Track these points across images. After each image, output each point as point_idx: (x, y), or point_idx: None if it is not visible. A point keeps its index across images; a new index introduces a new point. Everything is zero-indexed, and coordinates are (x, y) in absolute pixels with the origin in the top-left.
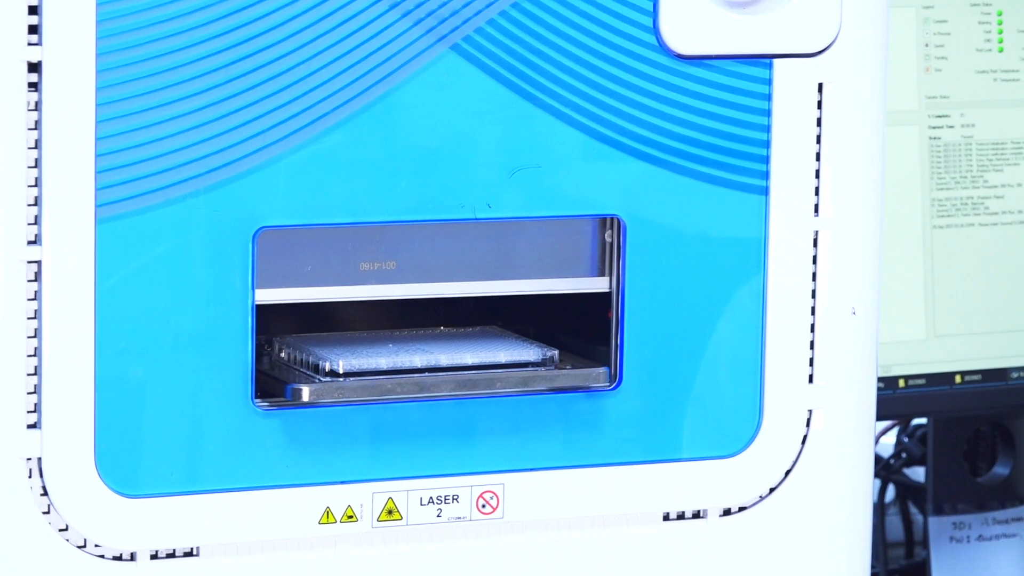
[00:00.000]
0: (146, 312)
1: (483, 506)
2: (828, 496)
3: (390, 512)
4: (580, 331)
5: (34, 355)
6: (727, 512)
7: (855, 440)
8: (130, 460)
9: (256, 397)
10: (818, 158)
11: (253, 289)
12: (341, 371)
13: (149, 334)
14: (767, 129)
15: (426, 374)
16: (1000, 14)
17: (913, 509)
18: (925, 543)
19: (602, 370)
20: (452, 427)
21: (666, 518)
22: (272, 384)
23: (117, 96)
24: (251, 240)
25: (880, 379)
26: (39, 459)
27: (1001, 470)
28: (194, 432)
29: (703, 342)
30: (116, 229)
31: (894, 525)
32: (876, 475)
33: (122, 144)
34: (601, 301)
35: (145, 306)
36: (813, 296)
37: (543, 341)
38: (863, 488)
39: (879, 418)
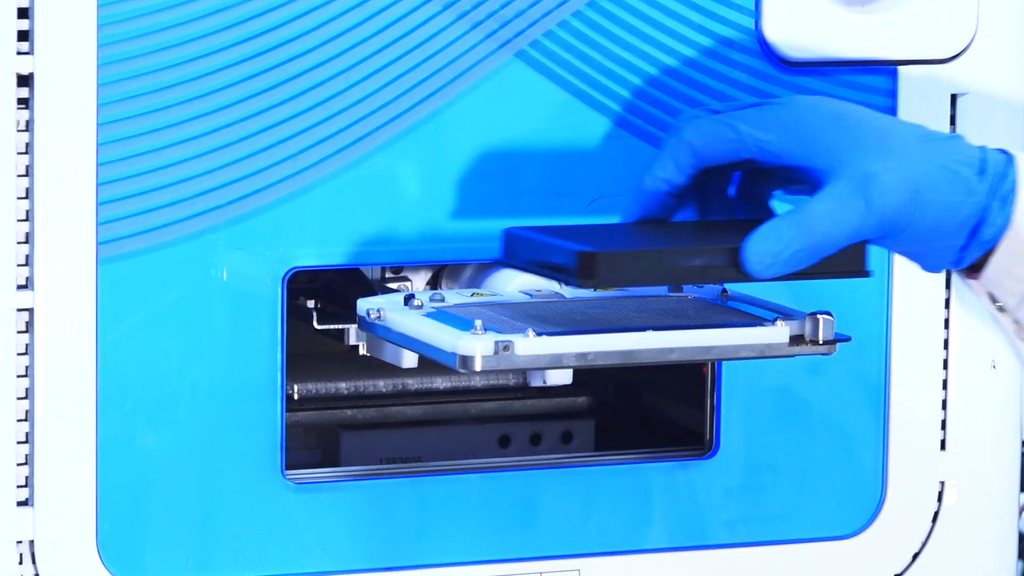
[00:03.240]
0: (156, 367)
1: None
2: None
3: None
4: (667, 388)
5: (25, 419)
6: None
7: (996, 517)
8: (137, 542)
9: (287, 468)
10: None
11: (283, 340)
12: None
13: (160, 393)
14: None
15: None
16: None
17: None
18: None
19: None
20: (516, 501)
21: None
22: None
23: (123, 113)
24: (281, 282)
25: None
26: (31, 541)
27: None
28: (213, 510)
29: (814, 401)
30: (121, 270)
31: None
32: (1021, 555)
33: (129, 170)
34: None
35: (155, 360)
36: (945, 347)
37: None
38: (1007, 570)
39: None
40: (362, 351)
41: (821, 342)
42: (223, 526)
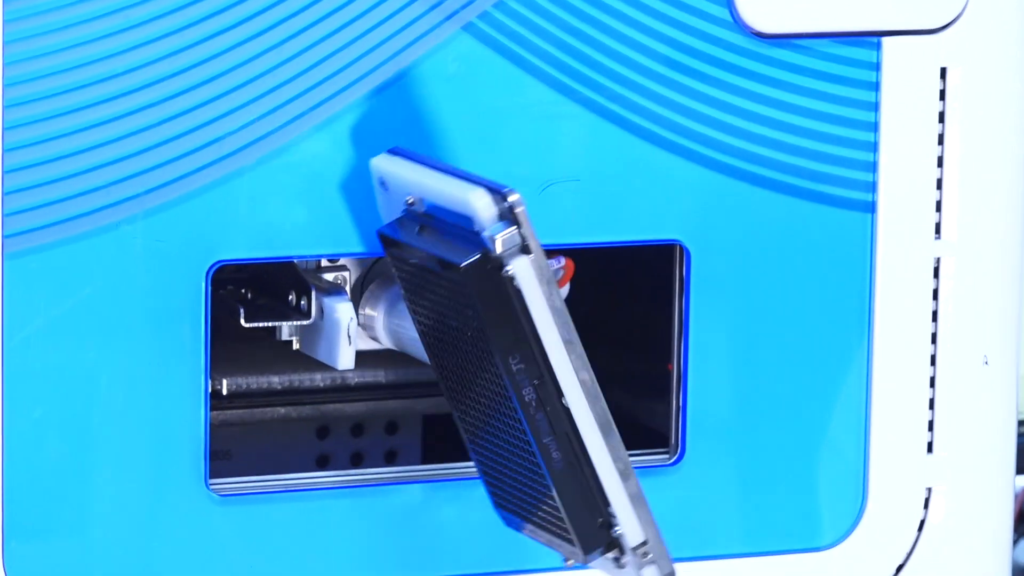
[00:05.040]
0: (68, 370)
1: None
2: None
3: None
4: (629, 381)
5: None
6: None
7: (987, 527)
8: (46, 560)
9: (211, 478)
10: (940, 164)
11: (207, 339)
12: None
13: (71, 399)
14: (874, 128)
15: None
16: None
17: None
18: None
19: None
20: (460, 511)
21: None
22: None
23: (30, 95)
24: (204, 278)
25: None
26: None
27: None
28: (129, 525)
29: (788, 403)
30: (29, 265)
31: None
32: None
33: (36, 156)
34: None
35: (66, 363)
36: (933, 341)
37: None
38: None
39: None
40: (295, 347)
41: None
42: (140, 543)
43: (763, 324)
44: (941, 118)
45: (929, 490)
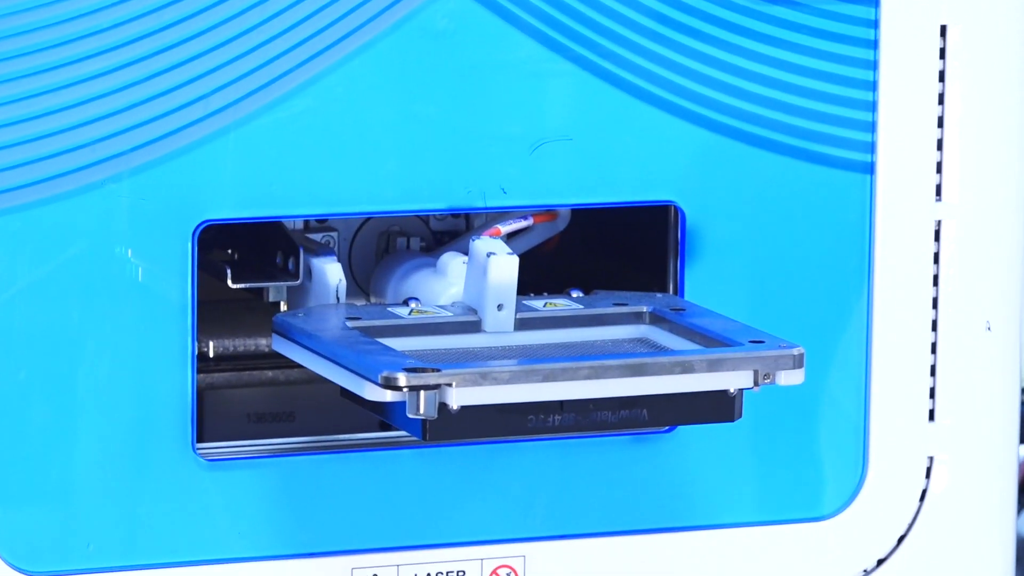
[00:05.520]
0: (50, 334)
1: None
2: (954, 570)
3: None
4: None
5: None
6: None
7: (990, 496)
8: (33, 527)
9: (199, 441)
10: (940, 124)
11: (194, 301)
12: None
13: (55, 362)
14: (873, 87)
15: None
16: None
17: None
18: None
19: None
20: (454, 479)
21: None
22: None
23: (12, 50)
24: (191, 237)
25: None
26: None
27: None
28: (115, 491)
29: None
30: (12, 224)
31: None
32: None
33: (19, 113)
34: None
35: (49, 326)
36: (934, 306)
37: None
38: (1002, 559)
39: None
40: (283, 309)
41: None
42: (127, 509)
43: (760, 288)
44: (941, 77)
45: (931, 459)
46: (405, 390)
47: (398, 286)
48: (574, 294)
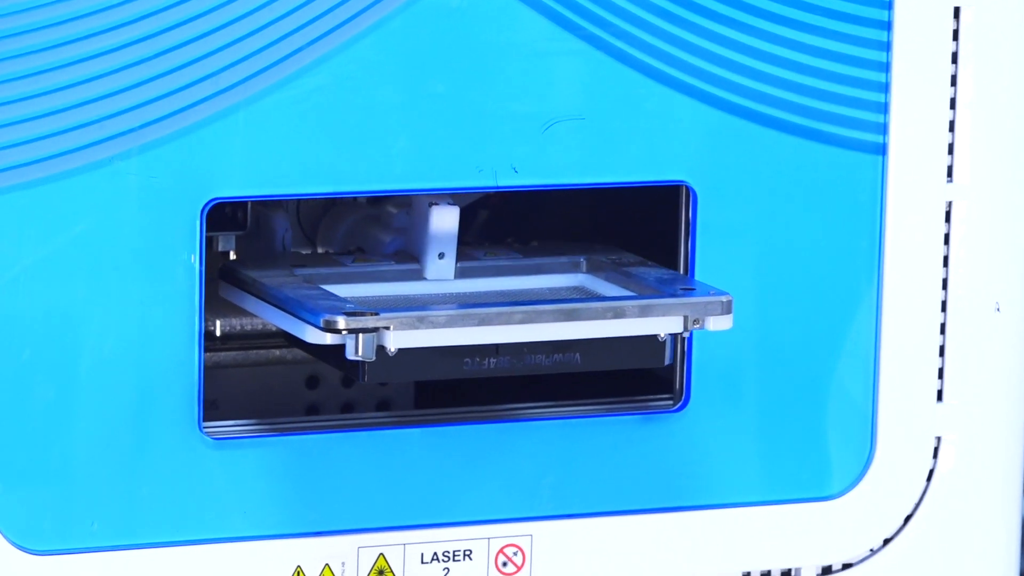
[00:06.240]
0: (58, 312)
1: (504, 564)
2: (960, 550)
3: (381, 573)
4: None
5: None
6: (827, 571)
7: (997, 477)
8: (38, 507)
9: (205, 420)
10: (952, 106)
11: (202, 279)
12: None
13: (61, 341)
14: (886, 68)
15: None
16: None
17: None
18: None
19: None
20: (460, 457)
21: None
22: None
23: (20, 26)
24: (200, 215)
25: None
26: None
27: None
28: (121, 469)
29: (795, 349)
30: (19, 201)
31: None
32: None
33: (27, 89)
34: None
35: (57, 304)
36: (944, 287)
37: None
38: (1008, 539)
39: None
40: (232, 258)
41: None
42: (132, 487)
43: (770, 268)
44: (954, 59)
45: (939, 439)
46: (344, 333)
47: (344, 236)
48: (515, 244)
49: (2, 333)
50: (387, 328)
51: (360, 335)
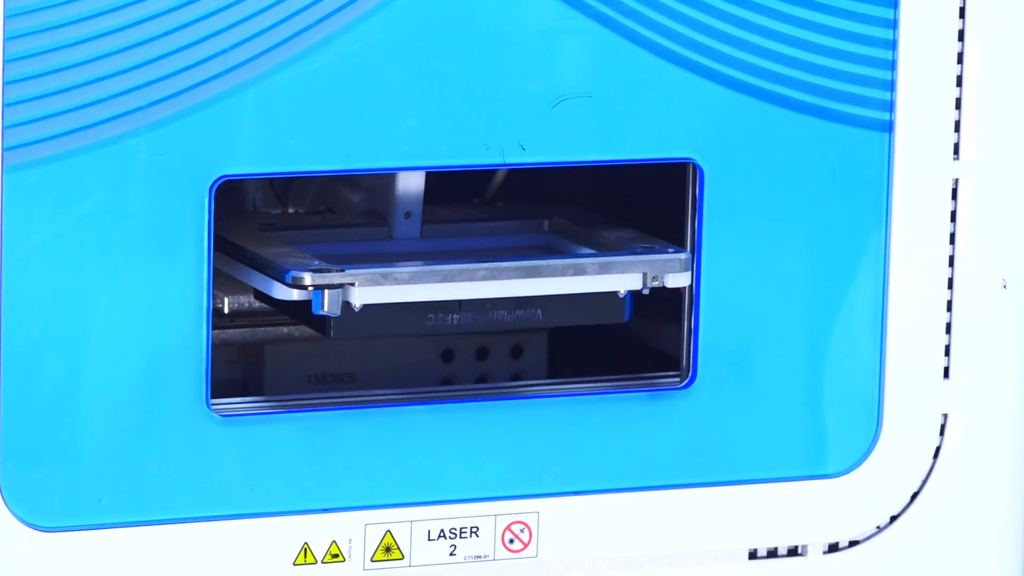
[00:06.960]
0: (67, 289)
1: (511, 541)
2: (967, 527)
3: (388, 550)
4: (642, 307)
5: None
6: (833, 548)
7: (1003, 454)
8: (45, 484)
9: (213, 397)
10: (959, 83)
11: (210, 256)
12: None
13: (70, 319)
14: (892, 45)
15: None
16: None
17: None
18: None
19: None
20: (466, 434)
21: (753, 556)
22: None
23: (32, 3)
24: (208, 193)
25: None
26: None
27: None
28: (128, 445)
29: (802, 326)
30: (29, 179)
31: None
32: None
33: (37, 67)
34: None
35: (66, 281)
36: (951, 264)
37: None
38: (1014, 516)
39: None
40: None
41: None
42: (140, 464)
43: (777, 245)
44: (961, 36)
45: (945, 416)
46: (310, 289)
47: (314, 196)
48: (481, 206)
49: (12, 310)
50: (352, 284)
51: (326, 291)
